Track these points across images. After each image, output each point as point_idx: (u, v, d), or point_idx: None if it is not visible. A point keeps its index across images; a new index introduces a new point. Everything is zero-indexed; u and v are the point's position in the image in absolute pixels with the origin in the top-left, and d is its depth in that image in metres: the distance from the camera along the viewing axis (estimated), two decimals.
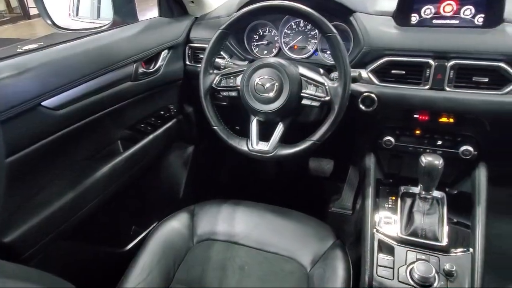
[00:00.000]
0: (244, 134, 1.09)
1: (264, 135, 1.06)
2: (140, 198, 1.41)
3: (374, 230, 1.05)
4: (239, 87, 1.05)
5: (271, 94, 1.00)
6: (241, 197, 1.20)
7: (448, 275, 0.92)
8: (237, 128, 1.21)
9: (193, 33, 1.33)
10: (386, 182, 1.18)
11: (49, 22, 1.24)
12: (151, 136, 1.27)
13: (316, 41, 1.25)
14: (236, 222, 1.12)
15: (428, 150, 1.09)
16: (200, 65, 1.09)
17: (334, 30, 0.95)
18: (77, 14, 1.46)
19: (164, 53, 1.26)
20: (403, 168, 1.20)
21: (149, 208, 1.44)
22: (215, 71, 1.10)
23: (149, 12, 1.42)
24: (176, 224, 1.12)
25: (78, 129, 0.98)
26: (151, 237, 1.09)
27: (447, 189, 1.12)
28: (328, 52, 1.22)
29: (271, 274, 1.00)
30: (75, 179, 1.02)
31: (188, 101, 1.43)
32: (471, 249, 0.97)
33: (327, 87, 0.97)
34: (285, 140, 1.04)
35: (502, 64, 0.95)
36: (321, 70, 1.09)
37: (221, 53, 1.27)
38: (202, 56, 1.09)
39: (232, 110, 1.21)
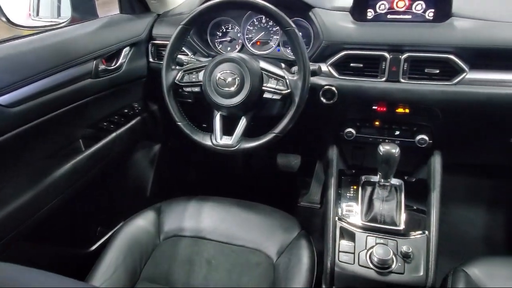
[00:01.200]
0: (211, 130, 1.09)
1: (229, 130, 1.07)
2: (106, 198, 1.39)
3: (337, 218, 1.08)
4: (201, 83, 1.06)
5: (233, 89, 1.01)
6: (210, 194, 1.21)
7: (405, 256, 0.96)
8: (204, 125, 1.21)
9: (155, 30, 1.33)
10: (348, 173, 1.22)
11: (4, 19, 1.20)
12: (114, 134, 1.25)
13: (278, 37, 1.28)
14: (203, 218, 1.13)
15: (386, 140, 1.14)
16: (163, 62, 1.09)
17: (293, 24, 0.97)
18: (37, 14, 1.42)
19: (125, 50, 1.24)
20: (365, 159, 1.24)
21: (116, 208, 1.41)
22: (177, 67, 1.10)
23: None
24: (142, 222, 1.12)
25: (35, 127, 0.96)
26: (116, 235, 1.07)
27: (405, 177, 1.16)
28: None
29: (238, 266, 1.01)
30: (33, 179, 0.99)
31: (152, 98, 1.42)
32: (426, 232, 1.02)
33: (287, 80, 1.00)
34: (250, 134, 1.06)
35: (451, 56, 1.00)
36: (283, 65, 1.11)
37: (184, 50, 1.27)
38: (165, 53, 1.09)
39: (198, 107, 1.21)
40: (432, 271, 0.96)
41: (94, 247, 1.32)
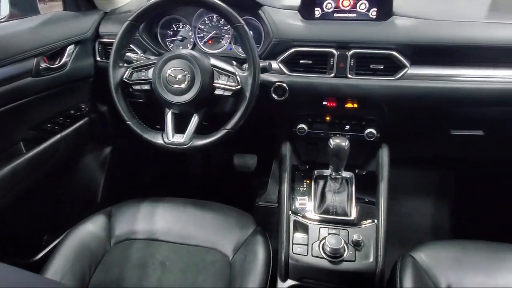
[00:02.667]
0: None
1: (182, 128, 1.05)
2: (53, 204, 1.31)
3: (290, 212, 1.10)
4: (151, 80, 1.04)
5: (183, 85, 0.99)
6: (166, 196, 1.18)
7: (356, 245, 0.99)
8: (158, 127, 1.19)
9: (102, 28, 1.28)
10: (302, 168, 1.24)
11: None
12: (58, 136, 1.19)
13: (230, 35, 1.28)
14: (156, 219, 1.10)
15: (337, 135, 1.17)
16: None
17: (242, 21, 0.98)
18: None
19: (70, 49, 1.19)
20: (319, 154, 1.27)
21: (64, 214, 1.34)
22: (125, 65, 1.07)
23: None
24: (91, 227, 1.07)
25: None
26: (63, 242, 1.02)
27: (356, 171, 1.20)
28: None
29: (193, 266, 0.99)
30: None
31: (101, 99, 1.36)
32: (375, 221, 1.06)
33: (238, 76, 1.00)
34: (205, 133, 1.04)
35: (393, 52, 1.05)
36: (234, 62, 1.12)
37: (134, 48, 1.24)
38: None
39: (150, 107, 1.18)
40: (381, 257, 0.99)
41: (39, 256, 1.25)
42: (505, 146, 1.29)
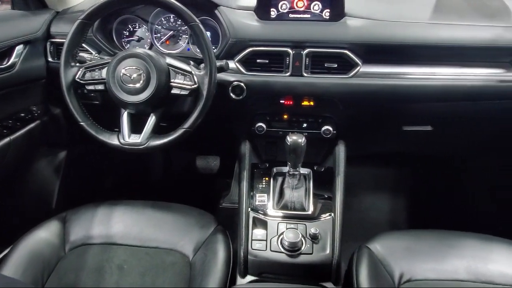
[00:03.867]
0: None
1: (140, 129, 1.04)
2: (2, 211, 1.25)
3: (249, 209, 1.11)
4: (105, 80, 1.01)
5: (138, 85, 0.98)
6: (126, 199, 1.15)
7: (313, 238, 1.02)
8: (116, 130, 1.16)
9: (53, 27, 1.24)
10: (262, 166, 1.25)
11: None
12: (7, 140, 1.13)
13: (187, 36, 1.27)
14: (113, 223, 1.07)
15: (295, 132, 1.19)
16: None
17: (197, 20, 0.98)
18: None
19: (18, 49, 1.14)
20: (278, 152, 1.29)
21: (15, 222, 1.27)
22: (78, 65, 1.04)
23: None
24: (44, 234, 1.03)
25: None
26: (13, 251, 0.97)
27: (315, 167, 1.23)
28: None
29: (152, 268, 0.97)
30: None
31: (54, 101, 1.31)
32: (332, 214, 1.09)
33: (194, 75, 1.00)
34: (163, 134, 1.03)
35: (346, 51, 1.09)
36: (191, 62, 1.11)
37: (88, 49, 1.21)
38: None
39: (107, 109, 1.15)
40: (337, 249, 1.02)
41: None
42: (451, 140, 1.37)
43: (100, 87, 1.03)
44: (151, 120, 1.03)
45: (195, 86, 1.00)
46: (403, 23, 1.13)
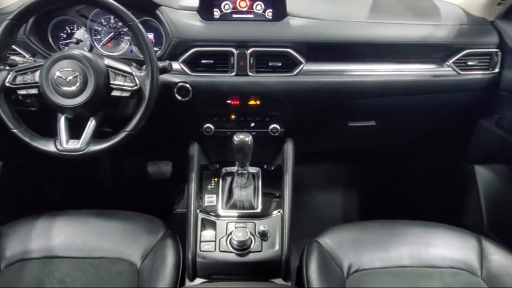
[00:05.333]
0: None
1: (80, 135, 0.99)
2: None
3: (198, 211, 1.09)
4: (38, 84, 0.96)
5: (74, 88, 0.94)
6: (74, 209, 1.09)
7: (262, 235, 1.02)
8: (57, 138, 1.10)
9: None
10: (212, 168, 1.24)
11: None
12: None
13: (129, 37, 1.24)
14: (54, 235, 1.01)
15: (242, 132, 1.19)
16: None
17: (135, 19, 0.95)
18: None
19: None
20: (228, 153, 1.28)
21: None
22: (7, 68, 0.98)
23: None
24: None
25: None
26: None
27: (265, 166, 1.23)
28: None
29: (97, 280, 0.93)
30: None
31: None
32: (281, 211, 1.10)
33: (135, 76, 0.98)
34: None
35: (289, 50, 1.11)
36: (133, 64, 1.08)
37: (21, 52, 1.14)
38: None
39: (45, 115, 1.09)
40: (286, 245, 1.03)
41: None
42: (394, 133, 1.43)
43: (34, 91, 0.97)
44: (91, 124, 0.98)
45: (137, 87, 0.97)
46: (343, 22, 1.17)
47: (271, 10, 1.14)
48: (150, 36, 1.19)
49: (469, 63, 1.19)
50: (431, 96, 1.22)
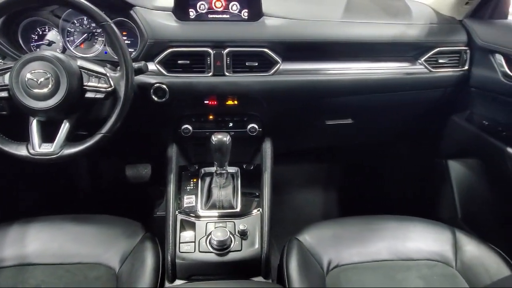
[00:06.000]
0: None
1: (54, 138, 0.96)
2: None
3: (177, 212, 1.08)
4: (8, 86, 0.93)
5: (46, 90, 0.92)
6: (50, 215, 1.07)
7: (242, 234, 1.02)
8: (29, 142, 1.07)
9: None
10: (191, 169, 1.23)
11: None
12: None
13: (103, 38, 1.22)
14: (27, 242, 0.98)
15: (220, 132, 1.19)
16: None
17: (108, 19, 0.94)
18: None
19: None
20: (207, 154, 1.27)
21: None
22: None
23: None
24: None
25: None
26: None
27: (244, 166, 1.24)
28: None
29: (73, 286, 0.91)
30: None
31: None
32: (260, 209, 1.10)
33: (109, 77, 0.96)
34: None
35: (266, 50, 1.12)
36: (107, 65, 1.07)
37: None
38: None
39: (16, 119, 1.05)
40: (266, 243, 1.03)
41: None
42: (370, 130, 1.46)
43: (3, 94, 0.94)
44: (65, 127, 0.96)
45: (111, 88, 0.95)
46: (318, 22, 1.19)
47: (246, 10, 1.15)
48: (125, 37, 1.18)
49: (440, 61, 1.23)
50: (404, 93, 1.25)
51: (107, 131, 0.95)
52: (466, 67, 1.25)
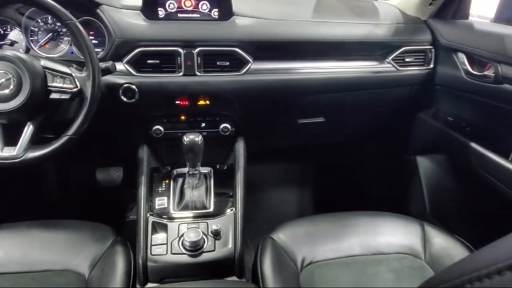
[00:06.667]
0: None
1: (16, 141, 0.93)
2: None
3: (148, 215, 1.06)
4: None
5: (7, 91, 0.88)
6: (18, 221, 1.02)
7: (215, 234, 1.01)
8: None
9: None
10: (164, 170, 1.21)
11: None
12: None
13: (69, 38, 1.18)
14: None
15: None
16: None
17: (73, 18, 0.92)
18: None
19: None
20: (180, 155, 1.25)
21: None
22: None
23: None
24: None
25: None
26: None
27: (217, 166, 1.23)
28: None
29: None
30: None
31: None
32: (233, 209, 1.10)
33: (75, 77, 0.94)
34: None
35: (236, 49, 1.12)
36: (73, 65, 1.03)
37: None
38: None
39: None
40: (239, 242, 1.03)
41: None
42: (342, 129, 1.49)
43: None
44: (28, 130, 0.92)
45: (77, 89, 0.93)
46: (288, 22, 1.20)
47: (217, 10, 1.14)
48: (92, 36, 1.15)
49: (407, 59, 1.27)
50: (373, 91, 1.28)
51: (73, 133, 0.92)
52: (431, 66, 1.30)
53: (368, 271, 0.95)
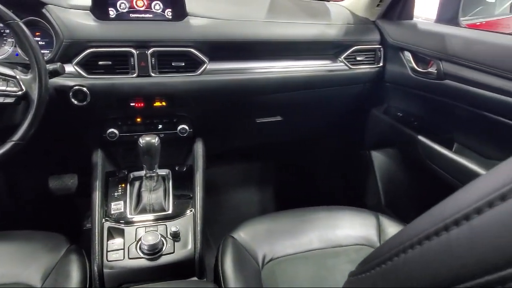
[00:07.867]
0: None
1: None
2: None
3: (104, 220, 1.03)
4: None
5: None
6: None
7: (174, 236, 1.00)
8: None
9: None
10: (120, 174, 1.18)
11: None
12: None
13: (13, 39, 1.12)
14: None
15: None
16: None
17: (15, 17, 0.87)
18: None
19: None
20: (137, 158, 1.23)
21: None
22: None
23: None
24: None
25: None
26: None
27: (176, 167, 1.21)
28: None
29: None
30: None
31: None
32: (193, 210, 1.09)
33: (20, 80, 0.89)
34: None
35: (191, 49, 1.11)
36: (18, 67, 0.98)
37: None
38: None
39: None
40: (199, 243, 1.02)
41: None
42: (299, 127, 1.52)
43: None
44: None
45: (22, 92, 0.88)
46: (242, 22, 1.21)
47: (170, 10, 1.13)
48: (39, 37, 1.10)
49: (358, 58, 1.32)
50: (328, 89, 1.32)
51: (19, 139, 0.87)
52: (381, 64, 1.36)
53: (327, 263, 0.97)
